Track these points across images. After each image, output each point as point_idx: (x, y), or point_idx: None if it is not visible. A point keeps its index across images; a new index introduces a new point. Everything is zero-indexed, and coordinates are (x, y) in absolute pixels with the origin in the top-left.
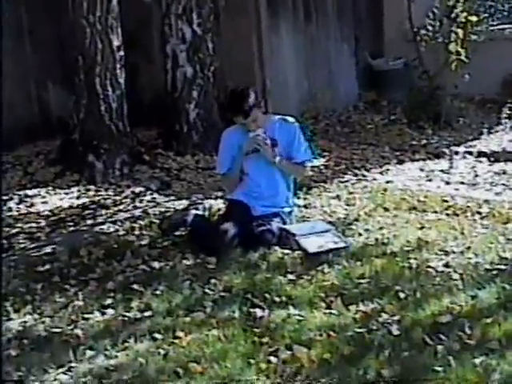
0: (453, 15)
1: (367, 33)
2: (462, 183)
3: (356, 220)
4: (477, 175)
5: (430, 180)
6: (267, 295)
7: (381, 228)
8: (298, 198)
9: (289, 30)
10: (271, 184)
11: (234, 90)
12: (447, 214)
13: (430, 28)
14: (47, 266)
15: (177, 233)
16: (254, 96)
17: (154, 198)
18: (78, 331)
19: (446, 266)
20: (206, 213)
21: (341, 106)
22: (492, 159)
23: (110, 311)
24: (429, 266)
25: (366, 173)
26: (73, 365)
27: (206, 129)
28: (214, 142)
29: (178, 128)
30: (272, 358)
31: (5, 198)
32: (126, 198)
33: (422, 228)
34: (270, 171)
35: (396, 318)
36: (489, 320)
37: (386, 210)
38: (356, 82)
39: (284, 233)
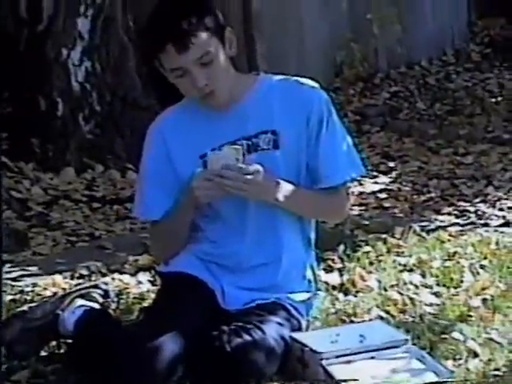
0: None
1: None
2: None
3: (462, 319)
4: None
5: None
6: None
7: None
8: (329, 268)
9: None
10: (267, 237)
11: None
12: None
13: None
14: None
15: (43, 352)
16: (206, 6)
17: None
18: None
19: None
20: (112, 305)
21: (426, 51)
22: None
23: None
24: None
25: (485, 209)
26: None
27: (111, 107)
28: (134, 141)
29: (43, 106)
30: None
31: None
32: None
33: None
34: (266, 206)
35: None
36: None
37: None
38: None
39: (296, 350)
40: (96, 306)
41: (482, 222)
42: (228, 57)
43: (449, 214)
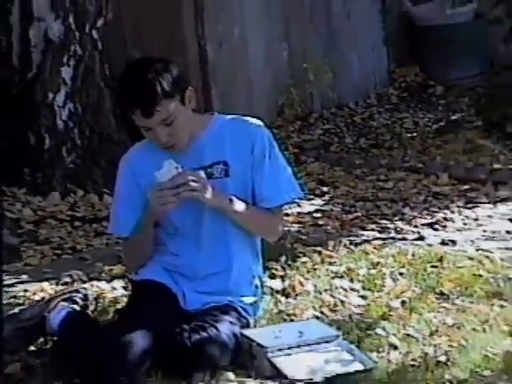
0: None
1: None
2: None
3: (384, 318)
4: None
5: None
6: None
7: (433, 333)
8: (273, 275)
9: None
10: (220, 250)
11: (133, 60)
12: None
13: None
14: None
15: (32, 348)
16: (170, 74)
17: None
18: None
19: None
20: (91, 307)
21: (353, 95)
22: None
23: None
24: None
25: (403, 226)
26: None
27: (90, 141)
28: (109, 170)
29: (33, 141)
30: None
31: None
32: None
33: None
34: (218, 225)
35: None
36: None
37: (444, 296)
38: (383, 48)
39: (245, 344)
40: (77, 307)
41: (400, 236)
42: (188, 110)
43: (372, 230)
